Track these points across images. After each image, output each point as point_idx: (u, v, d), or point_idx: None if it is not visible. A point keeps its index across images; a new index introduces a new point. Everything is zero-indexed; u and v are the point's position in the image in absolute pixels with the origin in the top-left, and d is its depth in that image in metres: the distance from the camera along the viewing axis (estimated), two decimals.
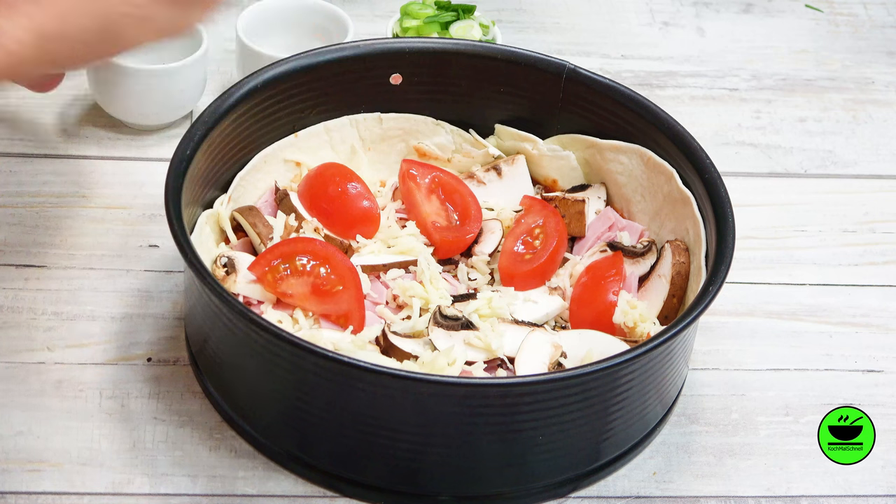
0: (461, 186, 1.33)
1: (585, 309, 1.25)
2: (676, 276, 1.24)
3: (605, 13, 1.76)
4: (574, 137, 1.35)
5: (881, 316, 1.37)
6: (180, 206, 1.14)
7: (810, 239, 1.45)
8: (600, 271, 1.26)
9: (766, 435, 1.24)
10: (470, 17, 1.57)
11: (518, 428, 1.10)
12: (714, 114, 1.61)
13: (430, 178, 1.33)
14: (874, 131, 1.61)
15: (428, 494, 1.14)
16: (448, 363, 1.15)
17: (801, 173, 1.54)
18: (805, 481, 1.20)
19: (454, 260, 1.30)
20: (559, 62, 1.34)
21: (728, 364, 1.30)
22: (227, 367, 1.16)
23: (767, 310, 1.36)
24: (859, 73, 1.69)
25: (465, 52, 1.35)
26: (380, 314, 1.22)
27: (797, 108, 1.63)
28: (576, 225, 1.32)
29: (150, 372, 1.22)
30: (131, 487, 1.13)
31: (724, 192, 1.22)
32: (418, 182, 1.32)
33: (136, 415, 1.18)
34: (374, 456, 1.12)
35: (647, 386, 1.15)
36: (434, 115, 1.36)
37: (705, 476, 1.20)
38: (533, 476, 1.14)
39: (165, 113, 1.45)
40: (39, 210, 1.36)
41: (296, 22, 1.54)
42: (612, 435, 1.16)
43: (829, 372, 1.30)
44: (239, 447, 1.17)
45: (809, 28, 1.77)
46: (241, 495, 1.14)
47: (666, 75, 1.65)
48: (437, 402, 1.08)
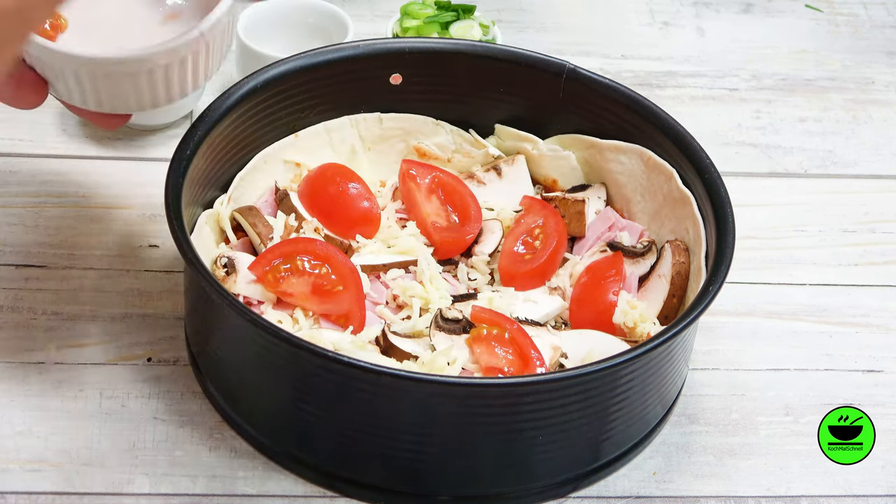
0: (461, 186, 1.33)
1: (585, 309, 1.25)
2: (676, 276, 1.24)
3: (606, 13, 1.76)
4: (574, 137, 1.35)
5: (881, 316, 1.37)
6: (180, 206, 1.14)
7: (810, 239, 1.45)
8: (600, 271, 1.26)
9: (766, 435, 1.24)
10: (470, 17, 1.57)
11: (518, 428, 1.10)
12: (714, 114, 1.61)
13: (430, 178, 1.33)
14: (874, 131, 1.61)
15: (428, 494, 1.14)
16: (448, 363, 1.15)
17: (801, 173, 1.54)
18: (805, 481, 1.20)
19: (454, 260, 1.30)
20: (559, 62, 1.34)
21: (728, 364, 1.30)
22: (227, 367, 1.17)
23: (767, 310, 1.36)
24: (859, 73, 1.69)
25: (465, 52, 1.35)
26: (380, 314, 1.22)
27: (797, 108, 1.63)
28: (576, 225, 1.32)
29: (150, 372, 1.22)
30: (131, 487, 1.13)
31: (724, 192, 1.22)
32: (418, 182, 1.32)
33: (136, 415, 1.18)
34: (374, 456, 1.12)
35: (648, 386, 1.15)
36: (434, 115, 1.36)
37: (705, 476, 1.20)
38: (533, 476, 1.14)
39: (165, 113, 1.45)
40: (39, 210, 1.36)
41: (296, 22, 1.54)
42: (612, 435, 1.16)
43: (829, 372, 1.30)
44: (239, 447, 1.17)
45: (809, 28, 1.77)
46: (241, 495, 1.14)
47: (666, 75, 1.65)
48: (437, 402, 1.08)
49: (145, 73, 1.10)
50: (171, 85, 1.12)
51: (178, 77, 1.11)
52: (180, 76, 1.12)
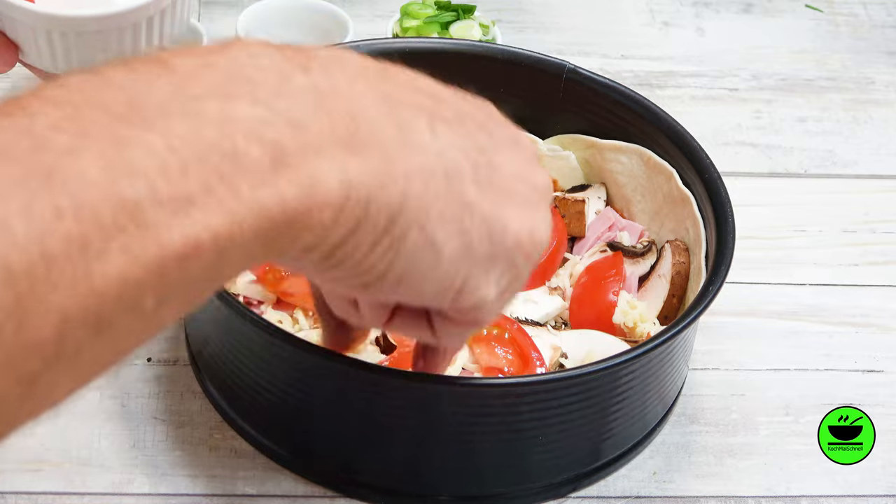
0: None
1: (585, 309, 1.25)
2: (676, 276, 1.24)
3: (605, 13, 1.76)
4: (574, 137, 1.35)
5: (881, 316, 1.37)
6: None
7: (810, 239, 1.45)
8: (600, 271, 1.26)
9: (766, 435, 1.24)
10: (470, 17, 1.57)
11: (518, 428, 1.10)
12: (714, 114, 1.61)
13: None
14: (874, 131, 1.61)
15: (428, 494, 1.14)
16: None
17: (801, 173, 1.54)
18: (805, 481, 1.20)
19: None
20: (559, 62, 1.33)
21: (728, 364, 1.30)
22: (227, 367, 1.16)
23: (767, 310, 1.36)
24: (859, 73, 1.69)
25: (465, 52, 1.35)
26: None
27: (797, 108, 1.63)
28: (576, 225, 1.32)
29: (150, 372, 1.22)
30: (131, 487, 1.13)
31: (724, 192, 1.22)
32: None
33: (136, 415, 1.18)
34: (374, 456, 1.12)
35: (648, 386, 1.15)
36: None
37: (705, 476, 1.20)
38: (533, 476, 1.14)
39: None
40: None
41: (296, 22, 1.54)
42: (612, 435, 1.16)
43: (829, 372, 1.30)
44: (239, 447, 1.17)
45: (809, 28, 1.77)
46: (241, 495, 1.14)
47: (666, 75, 1.65)
48: (437, 402, 1.08)
49: (115, 32, 1.13)
50: (137, 45, 1.15)
51: (145, 36, 1.15)
52: (147, 35, 1.15)
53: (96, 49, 1.14)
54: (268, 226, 0.63)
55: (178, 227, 0.60)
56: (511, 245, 0.78)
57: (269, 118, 0.64)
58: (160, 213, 0.59)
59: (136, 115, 0.61)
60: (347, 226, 0.68)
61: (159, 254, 0.59)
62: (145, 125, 0.61)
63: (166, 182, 0.60)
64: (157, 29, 1.16)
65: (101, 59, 1.14)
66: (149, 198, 0.59)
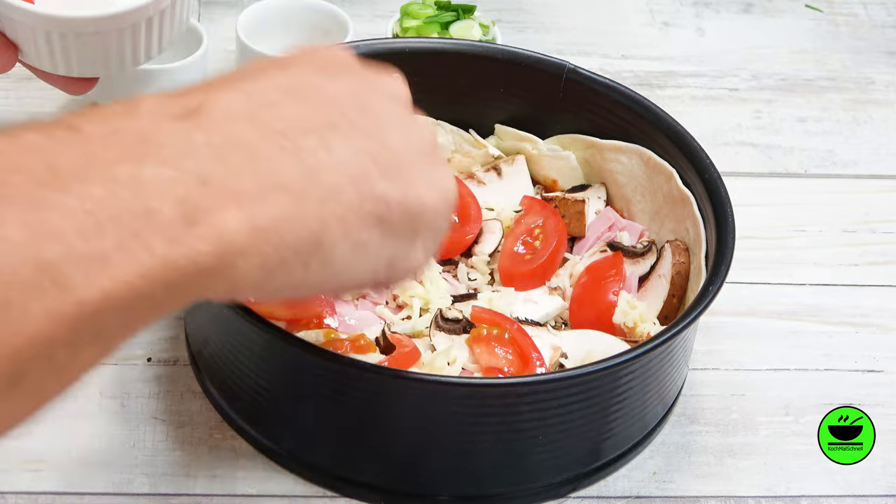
0: (461, 187, 1.33)
1: (585, 309, 1.25)
2: (676, 276, 1.24)
3: (605, 13, 1.76)
4: (574, 137, 1.35)
5: (881, 316, 1.37)
6: None
7: (810, 239, 1.45)
8: (600, 271, 1.26)
9: (766, 435, 1.24)
10: (470, 17, 1.57)
11: (518, 428, 1.10)
12: (714, 114, 1.61)
13: None
14: (874, 131, 1.61)
15: (428, 494, 1.14)
16: (448, 363, 1.15)
17: (801, 173, 1.54)
18: (805, 481, 1.20)
19: (454, 260, 1.30)
20: (559, 62, 1.33)
21: (728, 364, 1.30)
22: (227, 367, 1.16)
23: (767, 310, 1.36)
24: (859, 73, 1.69)
25: (465, 52, 1.35)
26: (380, 314, 1.22)
27: (797, 108, 1.63)
28: (576, 225, 1.32)
29: (150, 372, 1.22)
30: (131, 487, 1.13)
31: (724, 192, 1.22)
32: None
33: (136, 415, 1.18)
34: (374, 456, 1.12)
35: (648, 386, 1.15)
36: (434, 114, 1.36)
37: (705, 476, 1.20)
38: (533, 476, 1.14)
39: None
40: None
41: (296, 22, 1.54)
42: (612, 435, 1.16)
43: (829, 372, 1.30)
44: (239, 447, 1.17)
45: (809, 28, 1.77)
46: (241, 495, 1.14)
47: (666, 75, 1.65)
48: (437, 402, 1.08)
49: (114, 33, 1.14)
50: (137, 46, 1.16)
51: (144, 37, 1.15)
52: (147, 36, 1.16)
53: (96, 50, 1.14)
54: (181, 279, 0.67)
55: (93, 282, 0.63)
56: (430, 216, 0.83)
57: (178, 177, 0.68)
58: (77, 270, 0.63)
59: (55, 179, 0.64)
60: (269, 265, 0.72)
61: (76, 311, 0.63)
62: (64, 189, 0.64)
63: (83, 242, 0.63)
64: (157, 30, 1.16)
65: (100, 60, 1.15)
66: (66, 257, 0.63)
